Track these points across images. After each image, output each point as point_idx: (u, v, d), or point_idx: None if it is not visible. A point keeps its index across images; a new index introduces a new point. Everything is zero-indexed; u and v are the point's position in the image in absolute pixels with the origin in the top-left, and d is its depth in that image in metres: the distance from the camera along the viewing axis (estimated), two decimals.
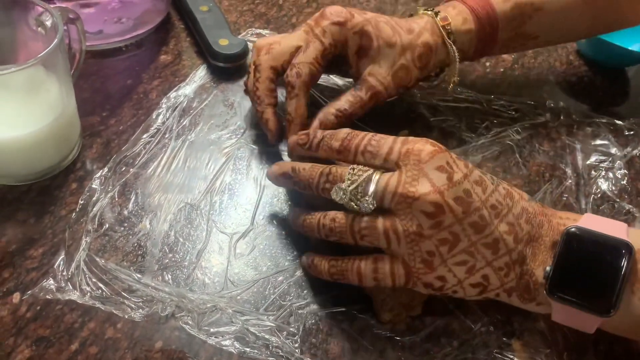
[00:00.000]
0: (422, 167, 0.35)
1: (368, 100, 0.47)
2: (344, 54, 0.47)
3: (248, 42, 0.56)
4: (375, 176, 0.36)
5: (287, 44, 0.46)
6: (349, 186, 0.36)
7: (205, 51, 0.56)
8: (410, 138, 0.36)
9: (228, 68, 0.55)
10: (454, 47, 0.48)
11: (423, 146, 0.35)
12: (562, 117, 0.55)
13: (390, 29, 0.46)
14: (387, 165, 0.36)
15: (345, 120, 0.46)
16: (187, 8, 0.59)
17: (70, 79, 0.45)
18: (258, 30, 0.60)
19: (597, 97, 0.58)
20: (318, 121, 0.45)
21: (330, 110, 0.46)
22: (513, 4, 0.49)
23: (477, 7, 0.49)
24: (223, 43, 0.55)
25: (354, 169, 0.36)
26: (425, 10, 0.49)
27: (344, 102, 0.46)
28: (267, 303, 0.39)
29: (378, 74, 0.46)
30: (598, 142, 0.53)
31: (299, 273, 0.41)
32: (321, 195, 0.38)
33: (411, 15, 0.50)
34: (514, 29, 0.50)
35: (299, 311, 0.39)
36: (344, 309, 0.39)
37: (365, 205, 0.35)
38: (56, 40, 0.40)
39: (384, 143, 0.37)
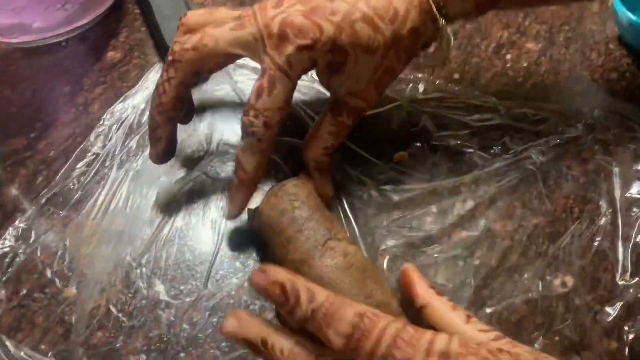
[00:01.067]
0: None
1: (352, 124, 0.38)
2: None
3: None
4: None
5: (224, 43, 0.34)
6: None
7: (160, 48, 0.46)
8: (453, 353, 0.24)
9: None
10: (447, 28, 0.37)
11: None
12: (596, 130, 0.45)
13: (369, 28, 0.35)
14: None
15: (335, 153, 0.38)
16: None
17: None
18: None
19: None
20: (313, 170, 0.37)
21: (317, 152, 0.37)
22: None
23: None
24: None
25: None
26: None
27: (328, 137, 0.37)
28: None
29: (359, 92, 0.36)
30: None
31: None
32: None
33: None
34: None
35: None
36: None
37: None
38: None
39: (415, 356, 0.24)
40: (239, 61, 0.46)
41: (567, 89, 0.48)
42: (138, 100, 0.43)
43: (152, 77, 0.45)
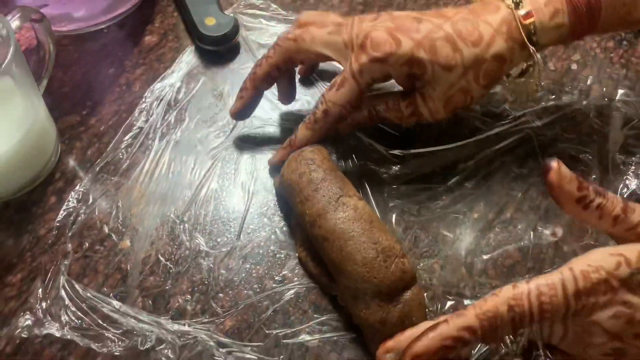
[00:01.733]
0: None
1: (407, 118, 0.41)
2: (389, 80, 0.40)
3: (238, 17, 0.51)
4: None
5: (318, 43, 0.39)
6: None
7: (191, 32, 0.51)
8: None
9: (217, 51, 0.50)
10: (537, 55, 0.38)
11: None
12: (590, 95, 0.49)
13: (450, 48, 0.37)
14: None
15: (377, 121, 0.43)
16: None
17: (36, 86, 0.41)
18: (252, 0, 0.54)
19: (638, 67, 0.51)
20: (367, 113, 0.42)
21: (367, 113, 0.42)
22: None
23: None
24: (209, 22, 0.49)
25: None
26: None
27: (384, 109, 0.42)
28: (252, 332, 0.37)
29: (429, 98, 0.39)
30: (632, 131, 0.46)
31: (286, 297, 0.39)
32: None
33: None
34: (620, 17, 0.39)
35: (285, 341, 0.37)
36: (334, 337, 0.37)
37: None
38: (11, 49, 0.37)
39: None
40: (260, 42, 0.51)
41: (565, 57, 0.51)
42: (174, 79, 0.49)
43: (185, 58, 0.50)
